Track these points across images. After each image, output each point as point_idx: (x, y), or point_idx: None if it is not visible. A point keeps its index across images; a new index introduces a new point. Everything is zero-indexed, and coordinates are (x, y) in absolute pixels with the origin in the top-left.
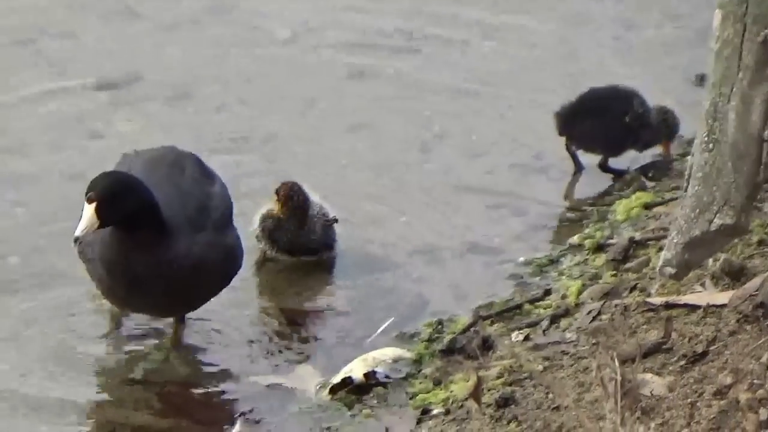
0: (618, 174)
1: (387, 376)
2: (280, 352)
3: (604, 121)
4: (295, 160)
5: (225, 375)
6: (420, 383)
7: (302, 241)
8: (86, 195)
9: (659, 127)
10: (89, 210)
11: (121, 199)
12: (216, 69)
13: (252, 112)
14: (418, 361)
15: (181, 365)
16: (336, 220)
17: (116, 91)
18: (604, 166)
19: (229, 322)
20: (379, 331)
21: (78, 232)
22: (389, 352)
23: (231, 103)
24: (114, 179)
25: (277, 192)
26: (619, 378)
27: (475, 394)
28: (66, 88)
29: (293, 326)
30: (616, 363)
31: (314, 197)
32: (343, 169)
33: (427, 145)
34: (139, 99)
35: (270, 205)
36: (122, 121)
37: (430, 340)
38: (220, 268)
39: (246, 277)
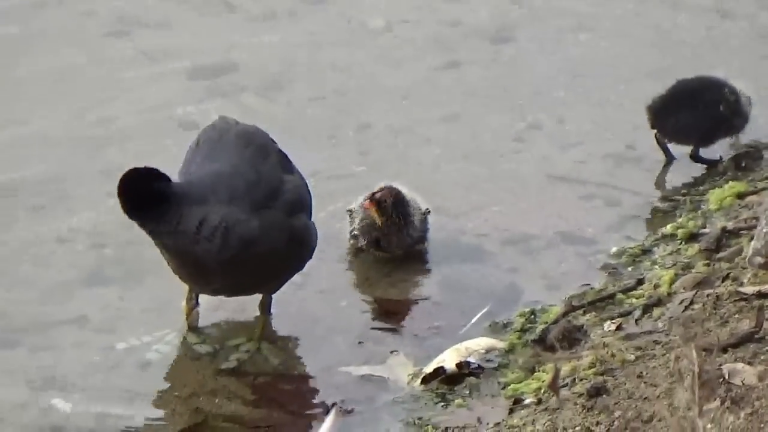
0: (710, 164)
1: (479, 366)
2: (372, 342)
3: (696, 113)
4: (388, 150)
5: (317, 365)
6: (512, 373)
7: (405, 239)
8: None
9: (748, 114)
10: None
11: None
12: (310, 59)
13: (346, 103)
14: (510, 351)
15: (273, 356)
16: (429, 212)
17: (211, 82)
18: (695, 157)
19: (322, 312)
20: (473, 321)
21: None
22: (482, 342)
23: (325, 93)
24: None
25: (372, 200)
26: (696, 369)
27: (553, 385)
28: (161, 78)
29: (385, 316)
30: (694, 354)
31: (408, 191)
32: (436, 159)
33: (521, 135)
34: (234, 89)
35: (362, 198)
36: (217, 110)
37: (523, 330)
38: (284, 247)
39: (338, 268)
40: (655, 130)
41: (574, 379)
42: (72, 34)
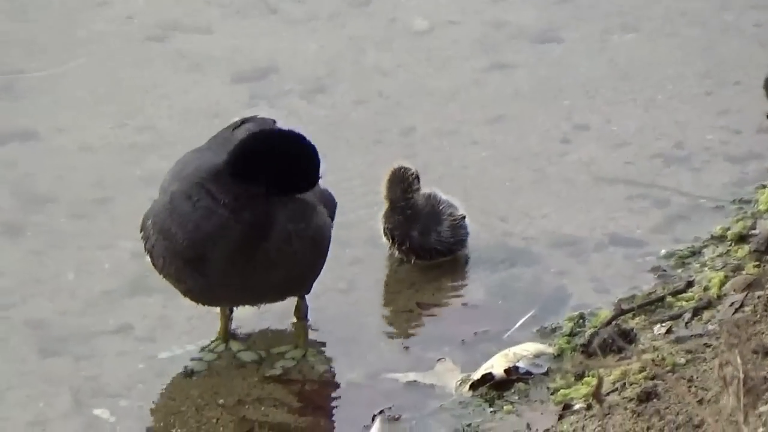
0: None
1: (528, 372)
2: (419, 348)
3: None
4: (434, 153)
5: (363, 372)
6: (561, 378)
7: (430, 244)
8: None
9: None
10: None
11: None
12: (353, 62)
13: (390, 105)
14: (559, 356)
15: (319, 363)
16: (464, 218)
17: (253, 85)
18: None
19: (367, 319)
20: (519, 324)
21: None
22: (530, 347)
23: (369, 96)
24: None
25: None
26: (741, 375)
27: (596, 393)
28: (202, 83)
29: (432, 322)
30: (739, 360)
31: (442, 194)
32: (482, 161)
33: (567, 136)
34: (276, 93)
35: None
36: (260, 114)
37: (572, 335)
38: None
39: (383, 274)
40: None
41: (624, 383)
42: (112, 39)
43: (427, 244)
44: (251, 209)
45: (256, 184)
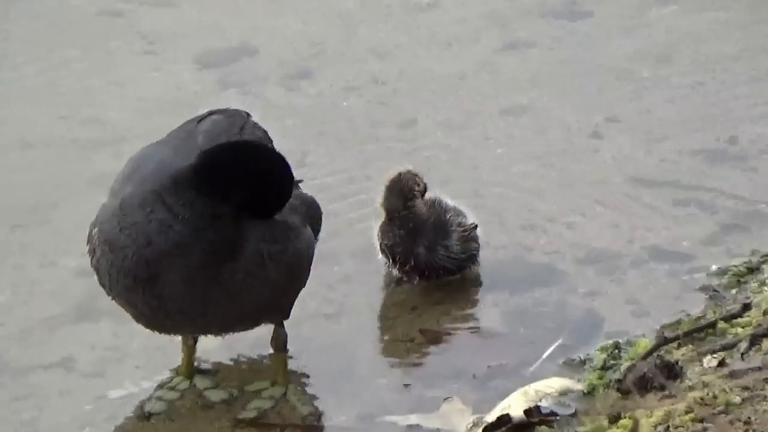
0: None
1: (552, 413)
2: (421, 385)
3: None
4: (438, 150)
5: (355, 414)
6: (592, 421)
7: (437, 261)
8: None
9: None
10: None
11: None
12: (343, 42)
13: (386, 94)
14: (589, 394)
15: (302, 403)
16: (475, 227)
17: (224, 70)
18: None
19: (360, 349)
20: (543, 357)
21: None
22: (555, 383)
23: (361, 82)
24: None
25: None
26: None
27: None
28: (165, 67)
29: (437, 353)
30: None
31: (448, 200)
32: (497, 159)
33: (597, 129)
34: (252, 79)
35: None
36: (232, 105)
37: (605, 368)
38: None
39: (378, 296)
40: None
41: (668, 427)
42: (56, 17)
43: (434, 262)
44: (215, 229)
45: (222, 203)
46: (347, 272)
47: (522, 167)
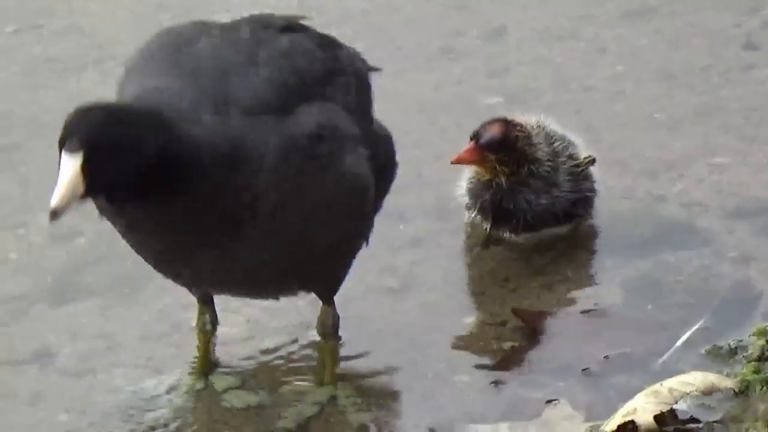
0: None
1: (693, 419)
2: (516, 383)
3: None
4: (536, 68)
5: (429, 422)
6: (748, 428)
7: (543, 206)
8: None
9: None
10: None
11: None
12: None
13: None
14: (743, 393)
15: (356, 409)
16: (592, 162)
17: None
18: None
19: (433, 336)
20: (679, 344)
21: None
22: (696, 379)
23: None
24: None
25: (477, 143)
26: None
27: None
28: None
29: (536, 340)
30: None
31: (555, 126)
32: (615, 79)
33: (753, 38)
34: None
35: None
36: None
37: (763, 359)
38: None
39: (457, 265)
40: None
41: None
42: None
43: (533, 206)
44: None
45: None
46: (416, 234)
47: (650, 90)
